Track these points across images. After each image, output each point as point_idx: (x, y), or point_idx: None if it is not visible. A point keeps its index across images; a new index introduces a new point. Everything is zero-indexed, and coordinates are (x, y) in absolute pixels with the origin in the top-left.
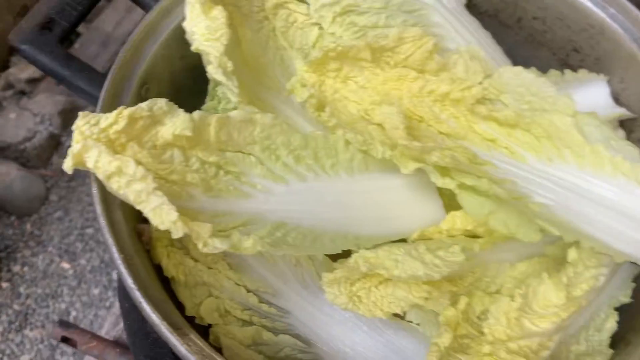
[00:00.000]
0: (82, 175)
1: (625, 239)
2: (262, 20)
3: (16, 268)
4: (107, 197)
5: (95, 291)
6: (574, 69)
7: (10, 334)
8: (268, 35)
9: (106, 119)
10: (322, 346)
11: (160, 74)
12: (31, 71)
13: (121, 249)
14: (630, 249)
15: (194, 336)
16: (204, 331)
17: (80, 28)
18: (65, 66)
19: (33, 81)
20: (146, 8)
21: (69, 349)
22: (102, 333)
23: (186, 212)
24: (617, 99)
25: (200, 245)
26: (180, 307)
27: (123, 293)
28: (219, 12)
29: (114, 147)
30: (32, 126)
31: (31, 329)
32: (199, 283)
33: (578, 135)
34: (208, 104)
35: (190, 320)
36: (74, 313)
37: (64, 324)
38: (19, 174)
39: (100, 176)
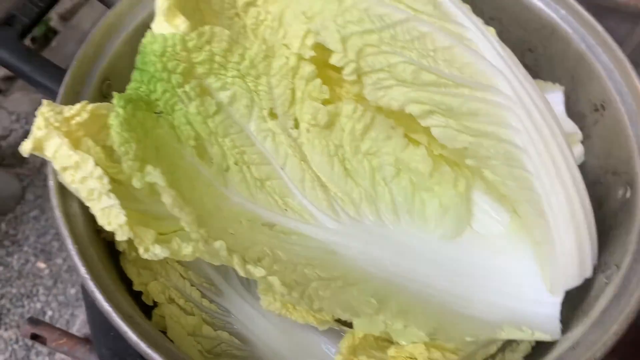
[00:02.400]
0: None
1: None
2: (233, 17)
3: None
4: (64, 189)
5: (72, 291)
6: (529, 68)
7: None
8: (239, 32)
9: (70, 109)
10: (258, 346)
11: (122, 70)
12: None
13: (76, 240)
14: None
15: (147, 325)
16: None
17: (58, 26)
18: (26, 61)
19: (9, 79)
20: (109, 4)
21: (44, 349)
22: (74, 330)
23: (130, 213)
24: (567, 97)
25: (141, 251)
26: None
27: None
28: (181, 22)
29: (71, 139)
30: (8, 124)
31: (6, 329)
32: (147, 267)
33: None
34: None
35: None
36: (49, 313)
37: (33, 321)
38: None
39: (56, 167)
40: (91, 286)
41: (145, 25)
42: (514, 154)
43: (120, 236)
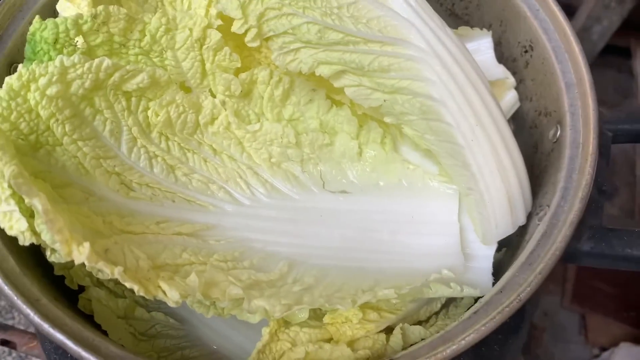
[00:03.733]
0: None
1: None
2: None
3: None
4: None
5: None
6: (461, 17)
7: None
8: (156, 6)
9: None
10: (195, 324)
11: None
12: None
13: None
14: None
15: (53, 305)
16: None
17: None
18: None
19: None
20: None
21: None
22: None
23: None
24: (499, 43)
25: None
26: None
27: None
28: (83, 0)
29: None
30: None
31: None
32: None
33: None
34: None
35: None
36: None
37: (2, 326)
38: None
39: None
40: None
41: (50, 5)
42: (431, 106)
43: (22, 242)
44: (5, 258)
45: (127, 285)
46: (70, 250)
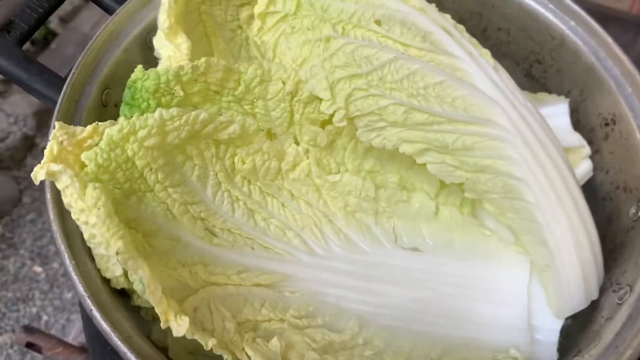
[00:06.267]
0: None
1: None
2: (236, 29)
3: None
4: (62, 204)
5: (68, 295)
6: (537, 79)
7: None
8: (241, 44)
9: (82, 132)
10: None
11: (121, 79)
12: None
13: (74, 256)
14: None
15: (147, 345)
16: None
17: (58, 28)
18: (24, 69)
19: (7, 81)
20: (109, 11)
21: (38, 355)
22: (70, 339)
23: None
24: (576, 110)
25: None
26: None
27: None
28: (183, 41)
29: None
30: (6, 127)
31: (0, 334)
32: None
33: None
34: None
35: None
36: (45, 317)
37: (28, 329)
38: None
39: (64, 200)
40: (89, 304)
41: (143, 35)
42: (513, 185)
43: (114, 285)
44: (99, 290)
45: (218, 353)
46: (169, 320)
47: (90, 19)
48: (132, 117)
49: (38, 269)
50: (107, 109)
